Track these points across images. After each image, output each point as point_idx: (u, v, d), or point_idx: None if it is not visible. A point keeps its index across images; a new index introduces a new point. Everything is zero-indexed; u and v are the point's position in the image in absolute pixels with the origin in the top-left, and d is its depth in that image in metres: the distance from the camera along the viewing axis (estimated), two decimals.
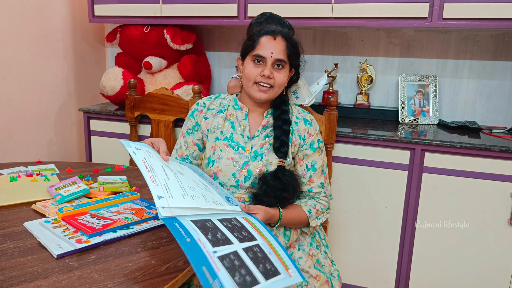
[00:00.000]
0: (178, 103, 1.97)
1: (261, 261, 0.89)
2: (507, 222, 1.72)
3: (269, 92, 1.27)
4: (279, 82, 1.26)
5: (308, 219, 1.29)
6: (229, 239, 0.91)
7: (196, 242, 0.84)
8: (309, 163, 1.33)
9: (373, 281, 1.96)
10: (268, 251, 0.93)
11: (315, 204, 1.32)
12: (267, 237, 0.98)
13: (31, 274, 0.87)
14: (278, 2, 2.00)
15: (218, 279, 0.78)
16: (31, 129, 2.32)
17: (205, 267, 0.79)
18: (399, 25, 1.88)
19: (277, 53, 1.25)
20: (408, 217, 1.84)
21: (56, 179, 1.46)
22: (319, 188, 1.33)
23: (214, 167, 1.28)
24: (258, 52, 1.25)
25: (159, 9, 2.21)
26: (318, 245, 1.37)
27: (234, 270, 0.82)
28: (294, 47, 1.29)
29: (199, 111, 1.36)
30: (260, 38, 1.26)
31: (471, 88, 2.16)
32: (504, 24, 1.76)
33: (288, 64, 1.28)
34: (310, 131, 1.34)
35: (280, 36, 1.26)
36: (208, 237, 0.88)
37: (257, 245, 0.93)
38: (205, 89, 2.40)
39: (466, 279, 1.82)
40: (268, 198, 1.21)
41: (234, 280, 0.80)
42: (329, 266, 1.34)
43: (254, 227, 1.01)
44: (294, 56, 1.29)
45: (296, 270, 0.91)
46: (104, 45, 2.80)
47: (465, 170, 1.74)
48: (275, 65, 1.26)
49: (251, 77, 1.26)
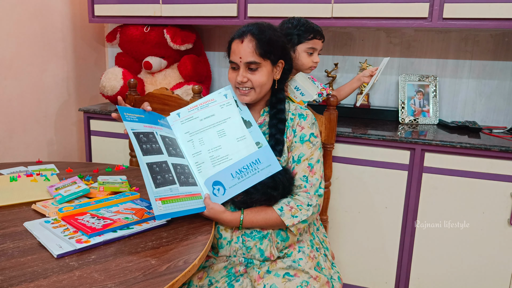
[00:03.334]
0: (178, 103, 1.97)
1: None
2: (507, 222, 1.72)
3: (251, 93, 1.27)
4: (257, 83, 1.25)
5: (280, 218, 1.20)
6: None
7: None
8: (296, 155, 1.28)
9: (373, 281, 1.96)
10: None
11: (289, 201, 1.23)
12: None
13: (31, 274, 0.87)
14: (278, 2, 2.00)
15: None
16: (31, 129, 2.32)
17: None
18: (399, 25, 1.88)
19: (246, 56, 1.22)
20: (408, 217, 1.84)
21: (56, 179, 1.46)
22: (301, 180, 1.25)
23: None
24: (231, 59, 1.27)
25: (159, 9, 2.21)
26: (318, 247, 1.37)
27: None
28: (267, 43, 1.22)
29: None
30: (232, 43, 1.27)
31: (471, 88, 2.16)
32: (504, 24, 1.76)
33: (266, 61, 1.24)
34: (302, 124, 1.31)
35: (249, 36, 1.22)
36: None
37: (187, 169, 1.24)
38: (205, 89, 2.40)
39: (466, 279, 1.82)
40: (258, 195, 1.21)
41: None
42: (329, 269, 1.34)
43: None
44: (271, 50, 1.23)
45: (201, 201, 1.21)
46: (104, 45, 2.80)
47: (465, 170, 1.74)
48: (248, 68, 1.24)
49: (232, 83, 1.29)
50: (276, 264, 1.25)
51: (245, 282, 1.22)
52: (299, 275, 1.21)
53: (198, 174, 1.26)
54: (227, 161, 1.25)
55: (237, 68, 1.26)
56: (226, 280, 1.23)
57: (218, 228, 1.27)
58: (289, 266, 1.24)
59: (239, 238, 1.25)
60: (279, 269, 1.23)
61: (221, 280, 1.23)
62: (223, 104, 1.32)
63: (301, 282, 1.19)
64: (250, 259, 1.27)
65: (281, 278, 1.20)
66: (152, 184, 1.10)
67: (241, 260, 1.27)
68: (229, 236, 1.26)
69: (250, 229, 1.25)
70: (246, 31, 1.24)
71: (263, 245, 1.25)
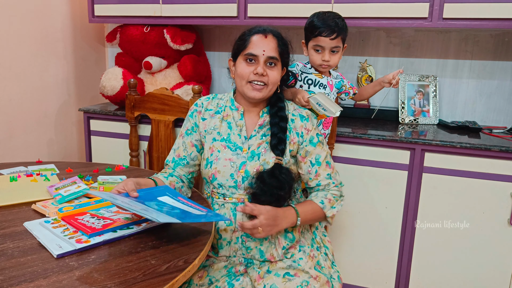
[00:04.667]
0: (178, 103, 1.97)
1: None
2: (507, 222, 1.72)
3: (263, 90, 1.27)
4: (273, 79, 1.26)
5: (323, 211, 1.30)
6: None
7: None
8: (313, 158, 1.32)
9: (373, 281, 1.96)
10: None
11: (326, 194, 1.32)
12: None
13: (31, 274, 0.87)
14: (278, 2, 2.00)
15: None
16: (31, 129, 2.32)
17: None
18: (399, 25, 1.88)
19: (269, 50, 1.25)
20: (408, 217, 1.84)
21: (56, 179, 1.46)
22: (327, 179, 1.33)
23: (212, 168, 1.28)
24: (250, 51, 1.25)
25: (159, 9, 2.21)
26: (319, 246, 1.37)
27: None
28: (285, 45, 1.30)
29: (198, 112, 1.36)
30: (252, 37, 1.27)
31: (471, 88, 2.16)
32: (504, 24, 1.76)
33: (280, 62, 1.29)
34: (308, 127, 1.33)
35: (271, 35, 1.27)
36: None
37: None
38: (205, 89, 2.40)
39: (466, 279, 1.82)
40: (266, 197, 1.21)
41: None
42: (329, 268, 1.34)
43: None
44: (285, 54, 1.30)
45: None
46: (104, 45, 2.80)
47: (465, 170, 1.74)
48: (267, 63, 1.26)
49: (244, 76, 1.26)
50: (276, 264, 1.25)
51: (245, 281, 1.22)
52: (299, 275, 1.21)
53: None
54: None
55: (254, 62, 1.26)
56: (226, 280, 1.23)
57: (217, 229, 1.27)
58: (289, 266, 1.24)
59: (239, 239, 1.25)
60: (279, 269, 1.23)
61: (221, 280, 1.23)
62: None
63: (301, 282, 1.19)
64: (250, 259, 1.27)
65: (281, 278, 1.20)
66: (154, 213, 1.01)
67: (241, 260, 1.27)
68: (229, 237, 1.26)
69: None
70: (267, 30, 1.28)
71: (263, 246, 1.25)
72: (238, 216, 1.26)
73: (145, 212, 0.98)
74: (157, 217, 0.96)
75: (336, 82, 1.68)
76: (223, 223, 1.26)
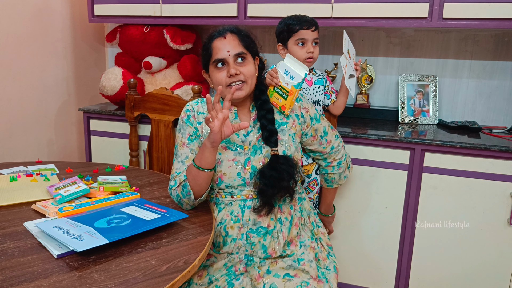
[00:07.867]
0: (178, 103, 1.97)
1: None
2: (507, 222, 1.72)
3: (244, 87, 1.27)
4: (248, 74, 1.27)
5: (347, 170, 1.57)
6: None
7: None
8: (321, 132, 1.44)
9: (373, 281, 1.96)
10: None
11: (338, 165, 1.53)
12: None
13: (31, 274, 0.87)
14: (278, 2, 2.00)
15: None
16: (31, 129, 2.32)
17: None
18: (399, 25, 1.88)
19: (233, 48, 1.26)
20: (408, 217, 1.84)
21: (56, 179, 1.46)
22: (336, 140, 1.50)
23: (217, 171, 1.28)
24: (217, 57, 1.26)
25: (159, 9, 2.21)
26: (317, 238, 1.39)
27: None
28: (247, 36, 1.30)
29: (193, 116, 1.34)
30: (212, 43, 1.28)
31: (471, 88, 2.16)
32: (504, 24, 1.76)
33: (249, 54, 1.29)
34: (305, 106, 1.39)
35: (229, 33, 1.28)
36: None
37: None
38: (205, 89, 2.40)
39: (466, 279, 1.82)
40: (272, 190, 1.22)
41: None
42: (324, 260, 1.35)
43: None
44: (251, 44, 1.30)
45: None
46: (104, 45, 2.80)
47: (465, 170, 1.74)
48: (237, 61, 1.26)
49: (222, 82, 1.26)
50: (277, 263, 1.25)
51: (245, 281, 1.22)
52: (299, 276, 1.22)
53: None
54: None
55: (224, 66, 1.26)
56: (226, 279, 1.23)
57: (224, 227, 1.27)
58: (290, 266, 1.24)
59: (243, 235, 1.26)
60: (279, 269, 1.23)
61: (221, 279, 1.24)
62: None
63: (301, 282, 1.19)
64: (251, 257, 1.27)
65: (281, 278, 1.20)
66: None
67: (241, 257, 1.27)
68: (235, 234, 1.26)
69: (256, 225, 1.25)
70: (224, 30, 1.29)
71: (266, 241, 1.25)
72: (246, 212, 1.26)
73: (66, 240, 0.96)
74: (76, 247, 0.93)
75: (318, 78, 1.72)
76: (229, 220, 1.26)
